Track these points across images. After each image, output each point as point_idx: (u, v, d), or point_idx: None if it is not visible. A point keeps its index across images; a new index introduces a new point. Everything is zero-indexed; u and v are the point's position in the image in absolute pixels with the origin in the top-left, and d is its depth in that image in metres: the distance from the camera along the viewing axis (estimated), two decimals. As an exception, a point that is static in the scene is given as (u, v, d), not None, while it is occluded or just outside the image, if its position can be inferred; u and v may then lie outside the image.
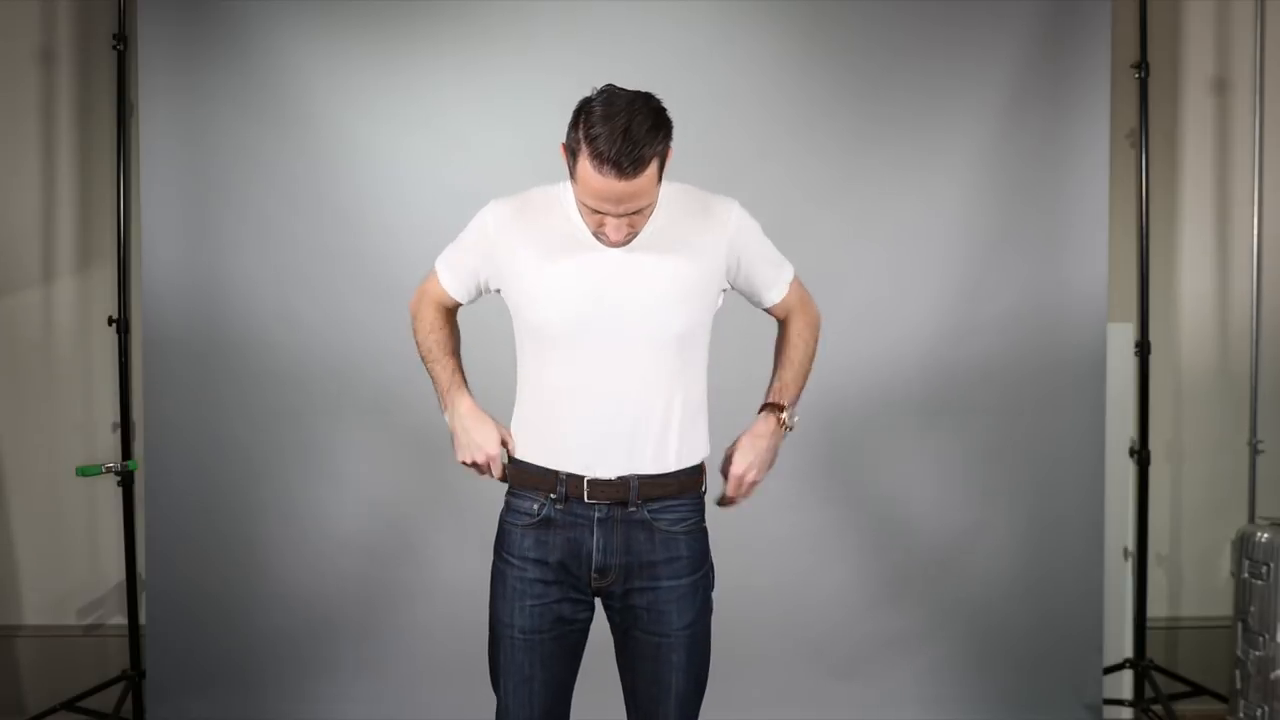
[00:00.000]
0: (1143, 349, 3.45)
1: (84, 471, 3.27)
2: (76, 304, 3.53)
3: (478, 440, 2.02)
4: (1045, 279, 3.34)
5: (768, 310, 2.20)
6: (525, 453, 2.04)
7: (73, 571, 3.56)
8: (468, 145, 3.27)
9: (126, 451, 3.38)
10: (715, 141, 3.15)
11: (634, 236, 1.95)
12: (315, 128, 3.24)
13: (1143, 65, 3.43)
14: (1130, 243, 3.50)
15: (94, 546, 3.55)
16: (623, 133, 1.81)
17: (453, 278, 2.12)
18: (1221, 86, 3.64)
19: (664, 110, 1.88)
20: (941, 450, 3.36)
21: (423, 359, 2.15)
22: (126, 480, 3.35)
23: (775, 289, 2.15)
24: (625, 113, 1.82)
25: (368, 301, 3.26)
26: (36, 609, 3.57)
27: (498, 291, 2.10)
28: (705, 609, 2.09)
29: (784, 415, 2.11)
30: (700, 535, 2.09)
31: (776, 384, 2.15)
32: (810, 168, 3.33)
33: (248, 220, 3.27)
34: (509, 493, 2.08)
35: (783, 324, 2.22)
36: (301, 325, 3.28)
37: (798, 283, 2.20)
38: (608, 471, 1.98)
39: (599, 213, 1.90)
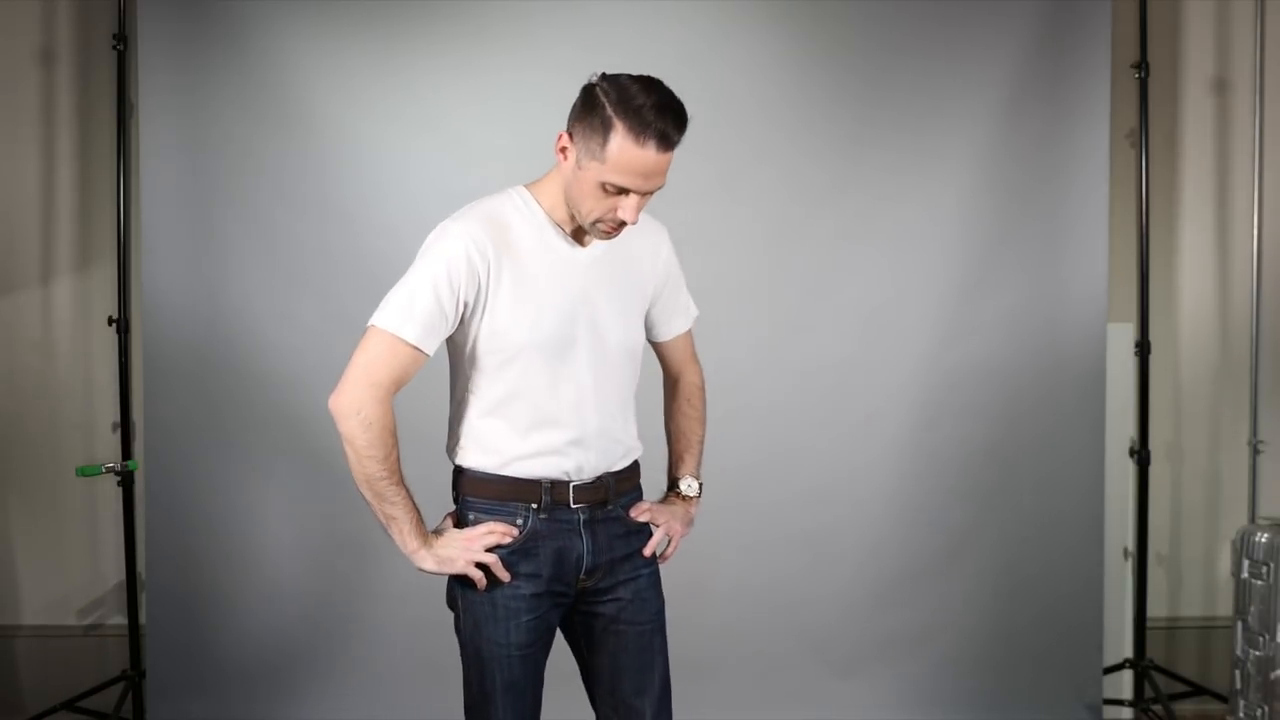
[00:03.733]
0: (1143, 349, 3.45)
1: (84, 471, 3.26)
2: (76, 304, 3.53)
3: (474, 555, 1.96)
4: (1045, 279, 3.34)
5: (662, 346, 2.19)
6: (496, 466, 1.96)
7: (73, 571, 3.56)
8: (468, 145, 3.26)
9: (126, 451, 3.38)
10: (713, 143, 3.12)
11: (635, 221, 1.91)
12: (315, 128, 3.24)
13: (1143, 65, 3.43)
14: (1130, 243, 3.50)
15: (94, 546, 3.55)
16: (669, 102, 1.80)
17: (425, 331, 1.88)
18: (1221, 86, 3.64)
19: None
20: (941, 450, 3.36)
21: (366, 479, 1.94)
22: (126, 480, 3.35)
23: (682, 318, 2.18)
24: (660, 86, 1.82)
25: (367, 301, 3.20)
26: (36, 609, 3.57)
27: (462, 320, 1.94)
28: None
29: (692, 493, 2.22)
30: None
31: (684, 466, 2.22)
32: (808, 168, 3.32)
33: (247, 220, 3.27)
34: (477, 510, 1.98)
35: (675, 390, 2.23)
36: (300, 325, 3.27)
37: (691, 329, 2.23)
38: (589, 474, 1.99)
39: (622, 193, 1.83)
